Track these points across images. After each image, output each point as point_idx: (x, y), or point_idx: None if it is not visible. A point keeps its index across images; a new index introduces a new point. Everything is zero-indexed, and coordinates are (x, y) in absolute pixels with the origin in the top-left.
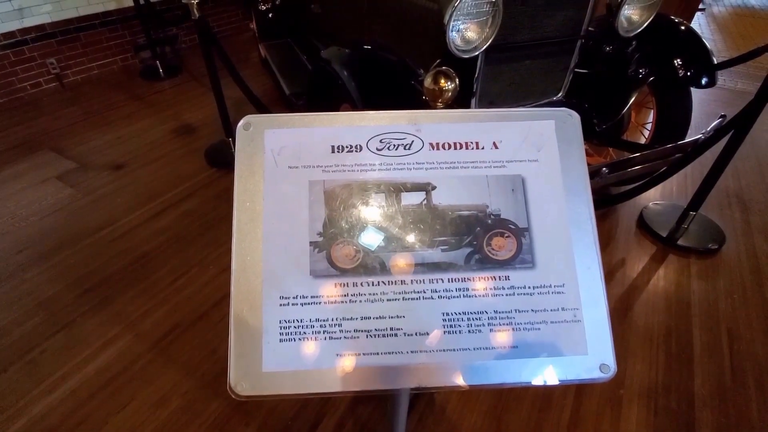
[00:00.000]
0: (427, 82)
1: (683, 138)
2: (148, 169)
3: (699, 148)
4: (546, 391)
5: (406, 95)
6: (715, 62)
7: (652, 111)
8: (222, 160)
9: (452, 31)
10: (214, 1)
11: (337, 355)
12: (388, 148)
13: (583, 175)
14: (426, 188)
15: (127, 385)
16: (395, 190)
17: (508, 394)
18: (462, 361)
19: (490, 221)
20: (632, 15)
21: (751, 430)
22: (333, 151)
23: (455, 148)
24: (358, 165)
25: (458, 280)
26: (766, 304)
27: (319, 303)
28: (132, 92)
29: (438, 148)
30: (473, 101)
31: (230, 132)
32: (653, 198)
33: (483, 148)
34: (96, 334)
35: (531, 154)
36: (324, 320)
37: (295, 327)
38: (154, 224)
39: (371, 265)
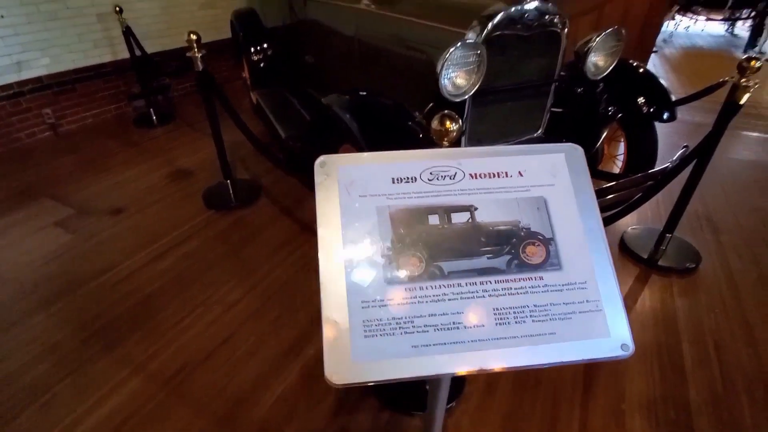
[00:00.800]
0: (435, 123)
1: (653, 167)
2: (147, 212)
3: (667, 175)
4: (553, 407)
5: (405, 135)
6: (673, 99)
7: (623, 144)
8: (220, 202)
9: (444, 78)
10: (208, 52)
11: (412, 346)
12: (438, 179)
13: (590, 194)
14: (470, 209)
15: (140, 426)
16: (446, 211)
17: (517, 412)
18: (511, 346)
19: (522, 233)
20: (598, 61)
21: None
22: (393, 182)
23: (490, 177)
24: (414, 193)
25: (503, 281)
26: (745, 316)
27: (394, 305)
28: (127, 139)
29: (476, 177)
30: (463, 140)
31: (228, 174)
32: (631, 223)
33: (511, 176)
34: (105, 376)
35: (549, 180)
36: (399, 318)
37: (376, 325)
38: (155, 266)
39: (433, 272)
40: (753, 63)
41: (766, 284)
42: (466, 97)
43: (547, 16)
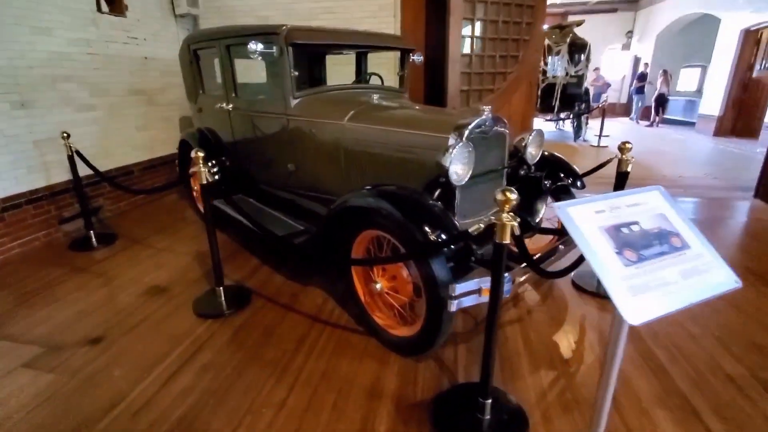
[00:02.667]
0: (499, 195)
1: None
2: (133, 335)
3: None
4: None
5: (429, 210)
6: (580, 173)
7: None
8: (213, 311)
9: (451, 169)
10: (144, 170)
11: (655, 297)
12: (614, 210)
13: (681, 210)
14: (638, 223)
15: None
16: (628, 225)
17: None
18: (689, 288)
19: (666, 233)
20: (532, 150)
21: (733, 405)
22: (596, 213)
23: (635, 206)
24: (609, 218)
25: (673, 257)
26: (678, 320)
27: (635, 276)
28: (70, 266)
29: (631, 206)
30: (456, 218)
31: (221, 281)
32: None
33: (643, 205)
34: None
35: (661, 204)
36: (642, 283)
37: (635, 288)
38: (174, 386)
39: (641, 256)
40: (627, 145)
41: None
42: (464, 181)
43: (497, 122)
